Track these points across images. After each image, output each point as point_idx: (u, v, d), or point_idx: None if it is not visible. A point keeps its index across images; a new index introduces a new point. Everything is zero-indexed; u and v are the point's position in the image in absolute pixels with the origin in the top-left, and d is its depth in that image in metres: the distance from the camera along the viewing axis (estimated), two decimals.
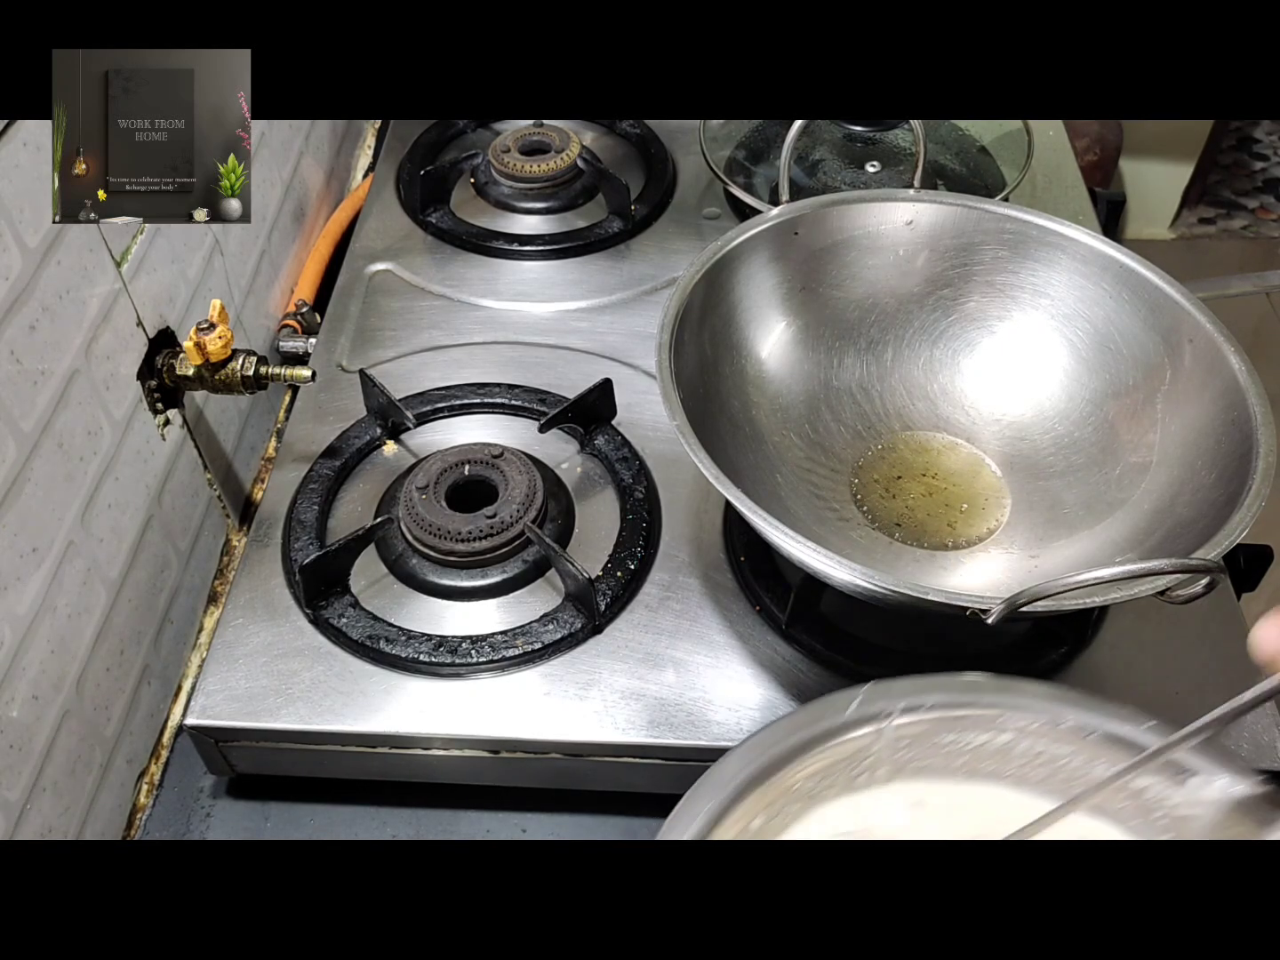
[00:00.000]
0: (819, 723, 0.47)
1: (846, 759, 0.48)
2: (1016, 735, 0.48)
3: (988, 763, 0.49)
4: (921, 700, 0.48)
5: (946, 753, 0.49)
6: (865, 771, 0.49)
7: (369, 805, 0.64)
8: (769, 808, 0.46)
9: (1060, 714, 0.48)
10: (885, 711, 0.47)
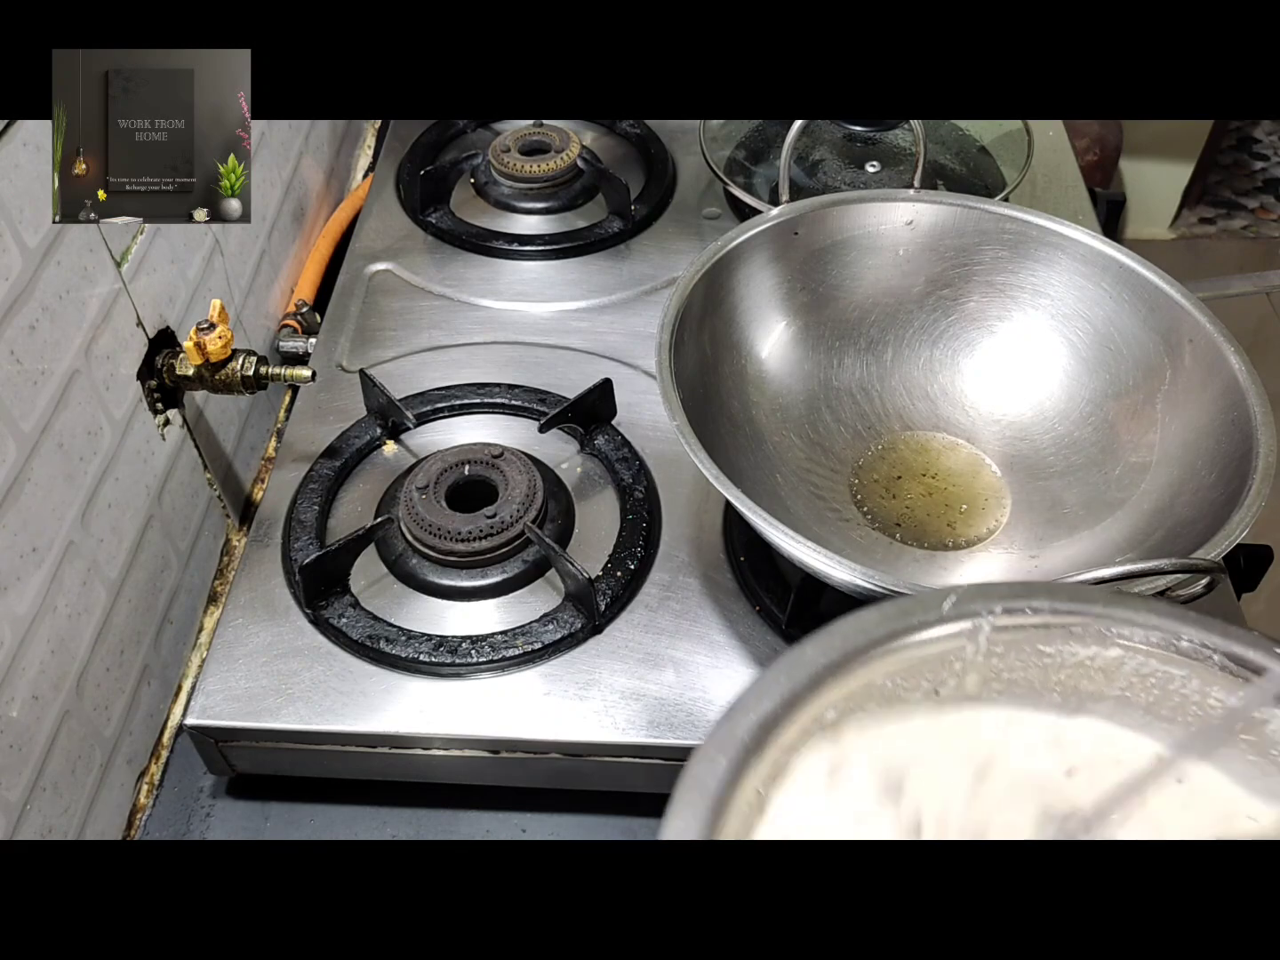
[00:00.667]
0: (909, 616, 0.43)
1: (935, 659, 0.44)
2: (1126, 651, 0.44)
3: (1090, 681, 0.45)
4: (1023, 604, 0.44)
5: (1045, 666, 0.45)
6: (954, 678, 0.45)
7: (369, 805, 0.64)
8: (847, 700, 0.43)
9: (1178, 631, 0.43)
10: (983, 611, 0.43)
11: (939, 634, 0.43)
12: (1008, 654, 0.45)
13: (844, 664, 0.42)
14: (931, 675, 0.45)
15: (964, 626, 0.43)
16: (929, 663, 0.44)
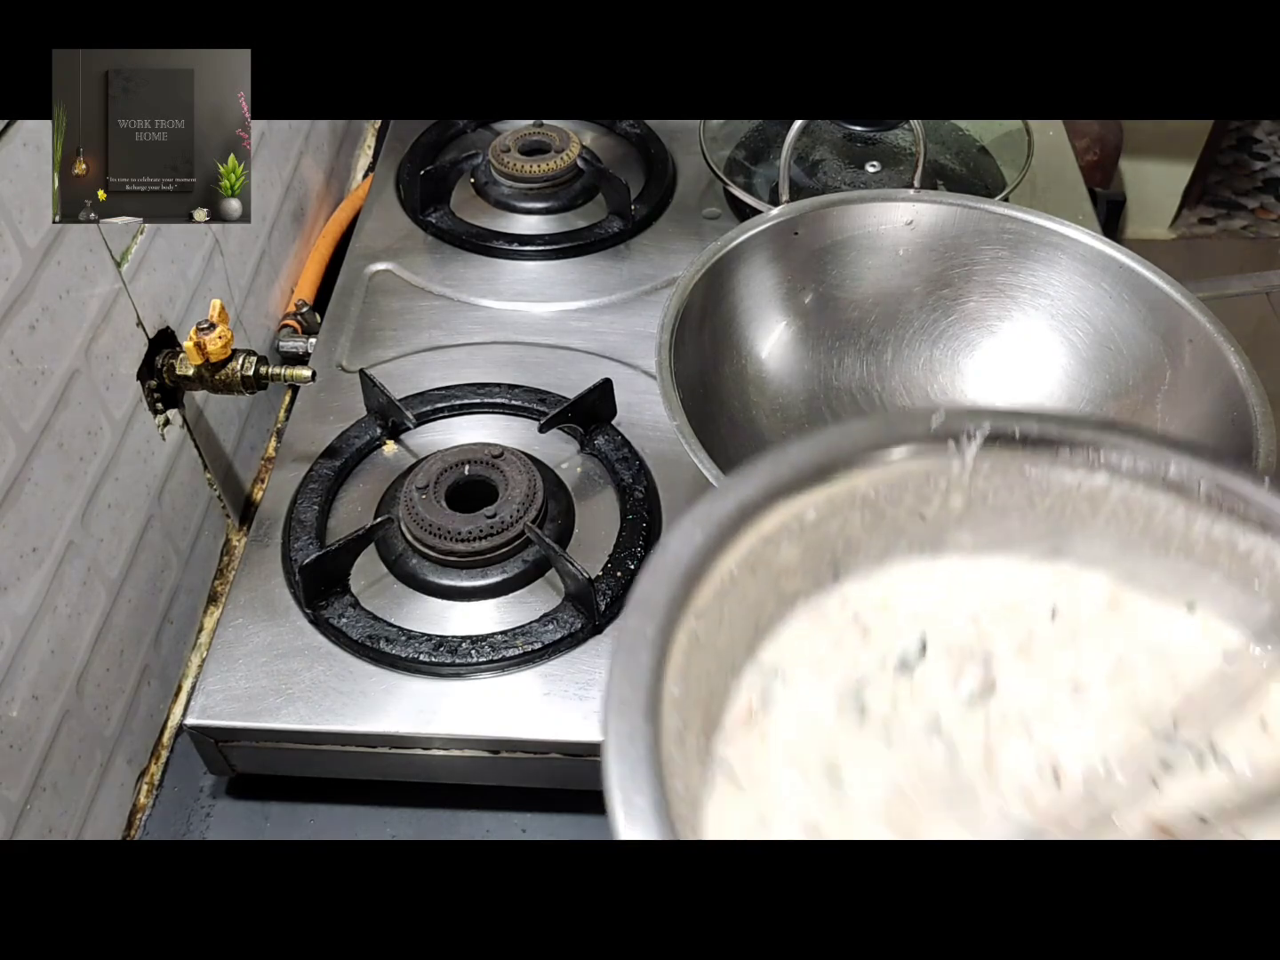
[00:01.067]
0: (895, 428, 0.43)
1: (920, 474, 0.44)
2: (1113, 478, 0.44)
3: (1075, 509, 0.45)
4: (1012, 424, 0.43)
5: (1030, 490, 0.45)
6: (939, 495, 0.45)
7: (369, 805, 0.64)
8: (829, 502, 0.43)
9: (1167, 459, 0.43)
10: (970, 430, 0.43)
11: (926, 449, 0.43)
12: (993, 475, 0.44)
13: (828, 466, 0.42)
14: (916, 491, 0.44)
15: (949, 446, 0.43)
16: (914, 477, 0.44)
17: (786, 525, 0.42)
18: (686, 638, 0.38)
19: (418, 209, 0.94)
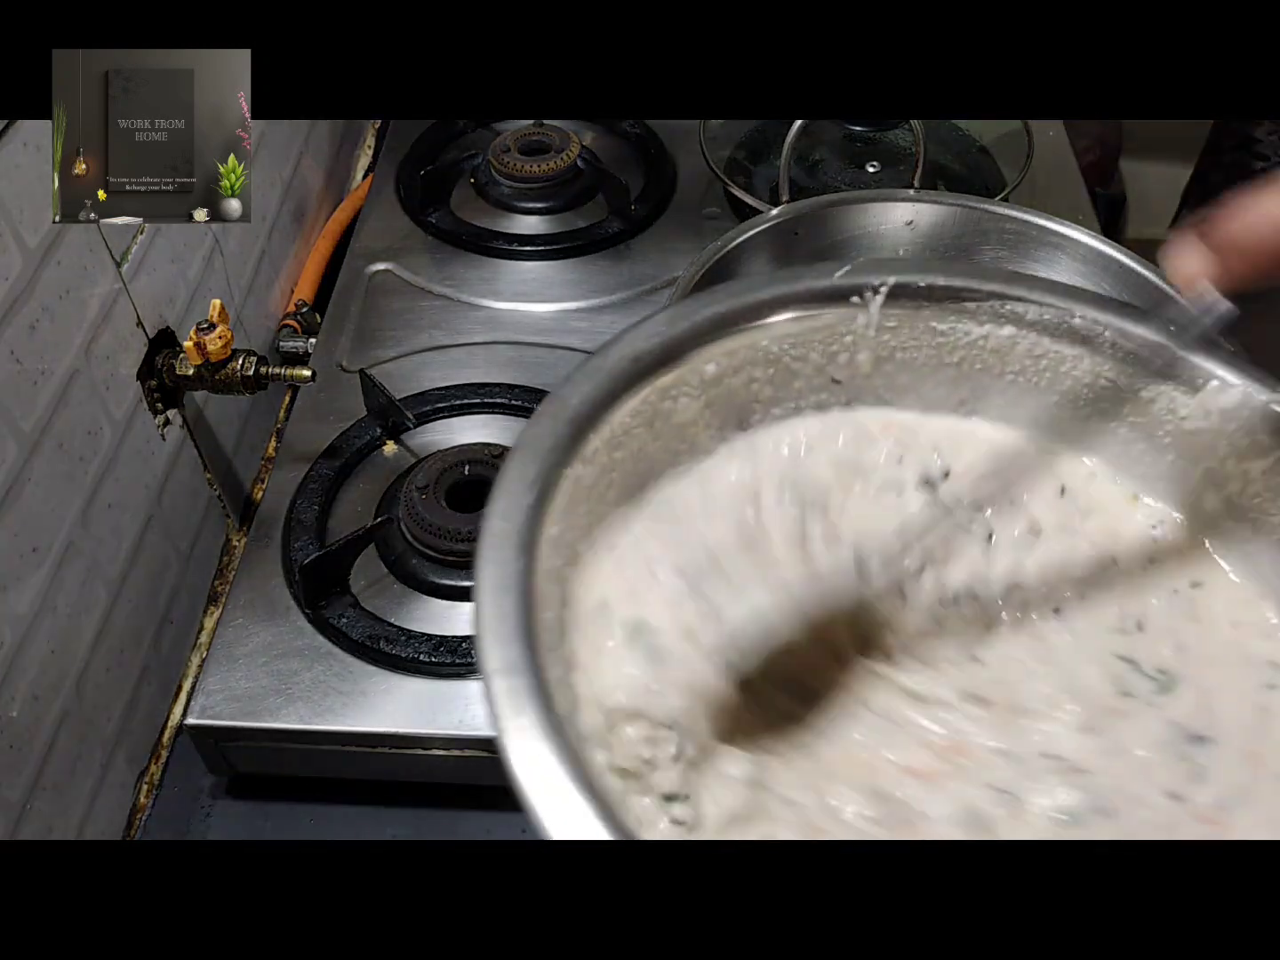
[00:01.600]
0: (798, 281, 0.43)
1: (825, 329, 0.43)
2: (1019, 330, 0.43)
3: (985, 362, 0.44)
4: (917, 279, 0.43)
5: (938, 345, 0.44)
6: (845, 351, 0.44)
7: (369, 805, 0.64)
8: (730, 357, 0.42)
9: (1071, 308, 0.42)
10: (875, 284, 0.42)
11: (830, 303, 0.42)
12: (900, 329, 0.44)
13: (728, 319, 0.41)
14: (822, 347, 0.43)
15: (854, 300, 0.42)
16: (819, 332, 0.43)
17: (684, 379, 0.41)
18: (570, 482, 0.38)
19: (418, 209, 0.94)
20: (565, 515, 0.38)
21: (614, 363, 0.40)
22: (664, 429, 0.42)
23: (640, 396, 0.40)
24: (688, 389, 0.42)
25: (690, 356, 0.41)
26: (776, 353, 0.43)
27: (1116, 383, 0.43)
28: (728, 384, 0.43)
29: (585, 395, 0.39)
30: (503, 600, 0.34)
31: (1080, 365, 0.43)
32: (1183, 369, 0.42)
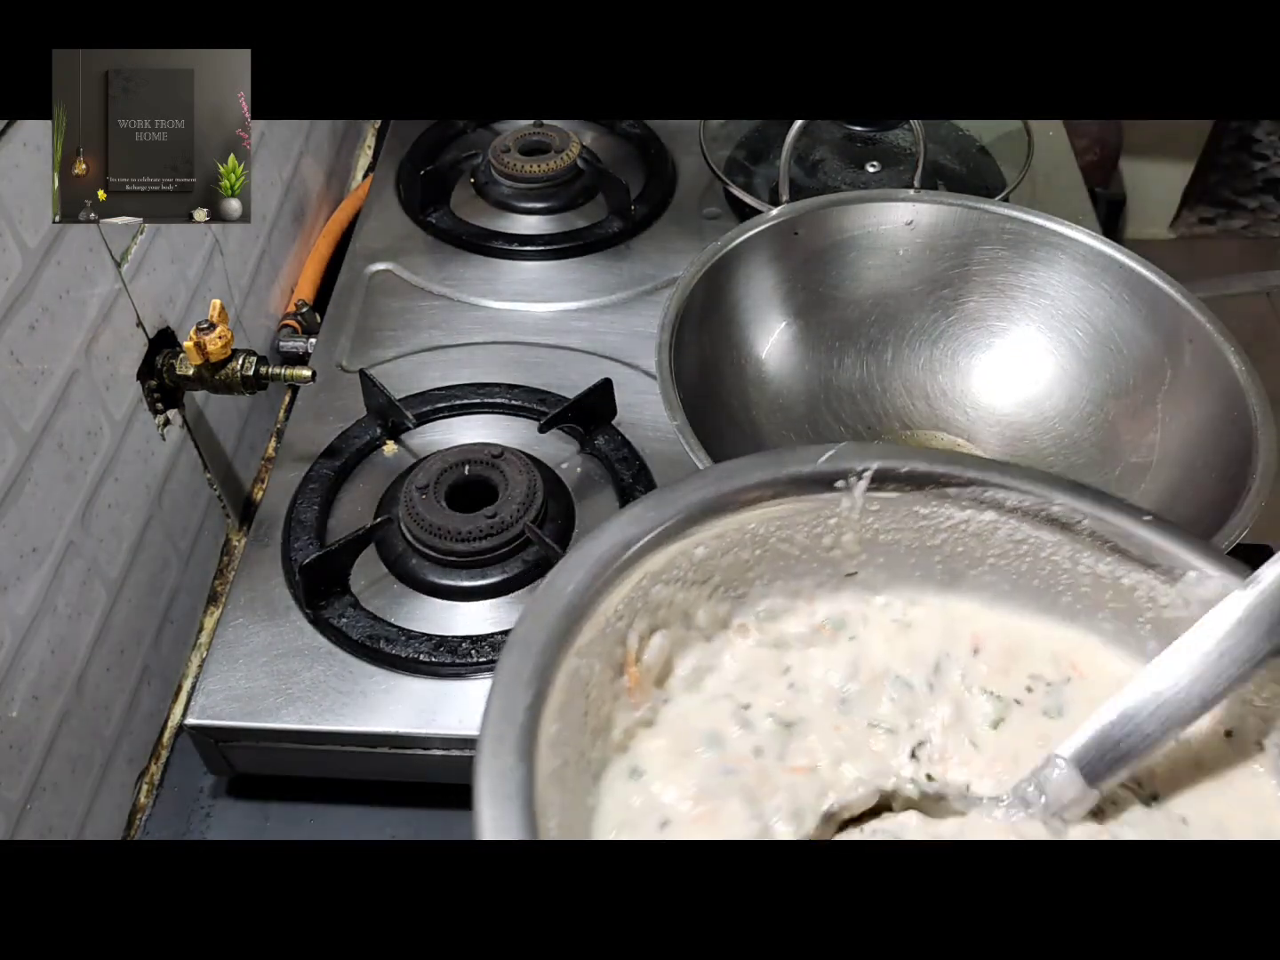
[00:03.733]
0: (784, 467, 0.44)
1: (810, 512, 0.44)
2: (999, 516, 0.44)
3: (966, 546, 0.45)
4: (898, 464, 0.44)
5: (920, 528, 0.45)
6: (831, 534, 0.45)
7: (369, 805, 0.64)
8: (718, 540, 0.43)
9: (1049, 496, 0.43)
10: (858, 469, 0.44)
11: (814, 488, 0.43)
12: (884, 513, 0.45)
13: (717, 504, 0.42)
14: (808, 529, 0.44)
15: (838, 485, 0.43)
16: (804, 514, 0.44)
17: (674, 562, 0.42)
18: (567, 676, 0.38)
19: (418, 209, 0.94)
20: (563, 712, 0.37)
21: (604, 550, 0.40)
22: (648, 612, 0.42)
23: (632, 582, 0.41)
24: (679, 572, 0.42)
25: (681, 540, 0.42)
26: (763, 534, 0.44)
27: (1095, 570, 0.44)
28: (718, 564, 0.44)
29: (578, 586, 0.39)
30: (506, 809, 0.34)
31: (1060, 551, 0.44)
32: (1160, 558, 0.42)
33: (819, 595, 0.46)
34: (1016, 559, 0.45)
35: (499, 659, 0.37)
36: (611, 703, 0.41)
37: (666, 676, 0.44)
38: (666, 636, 0.43)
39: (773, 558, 0.45)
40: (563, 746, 0.37)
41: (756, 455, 0.45)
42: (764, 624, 0.45)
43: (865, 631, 0.46)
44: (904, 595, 0.46)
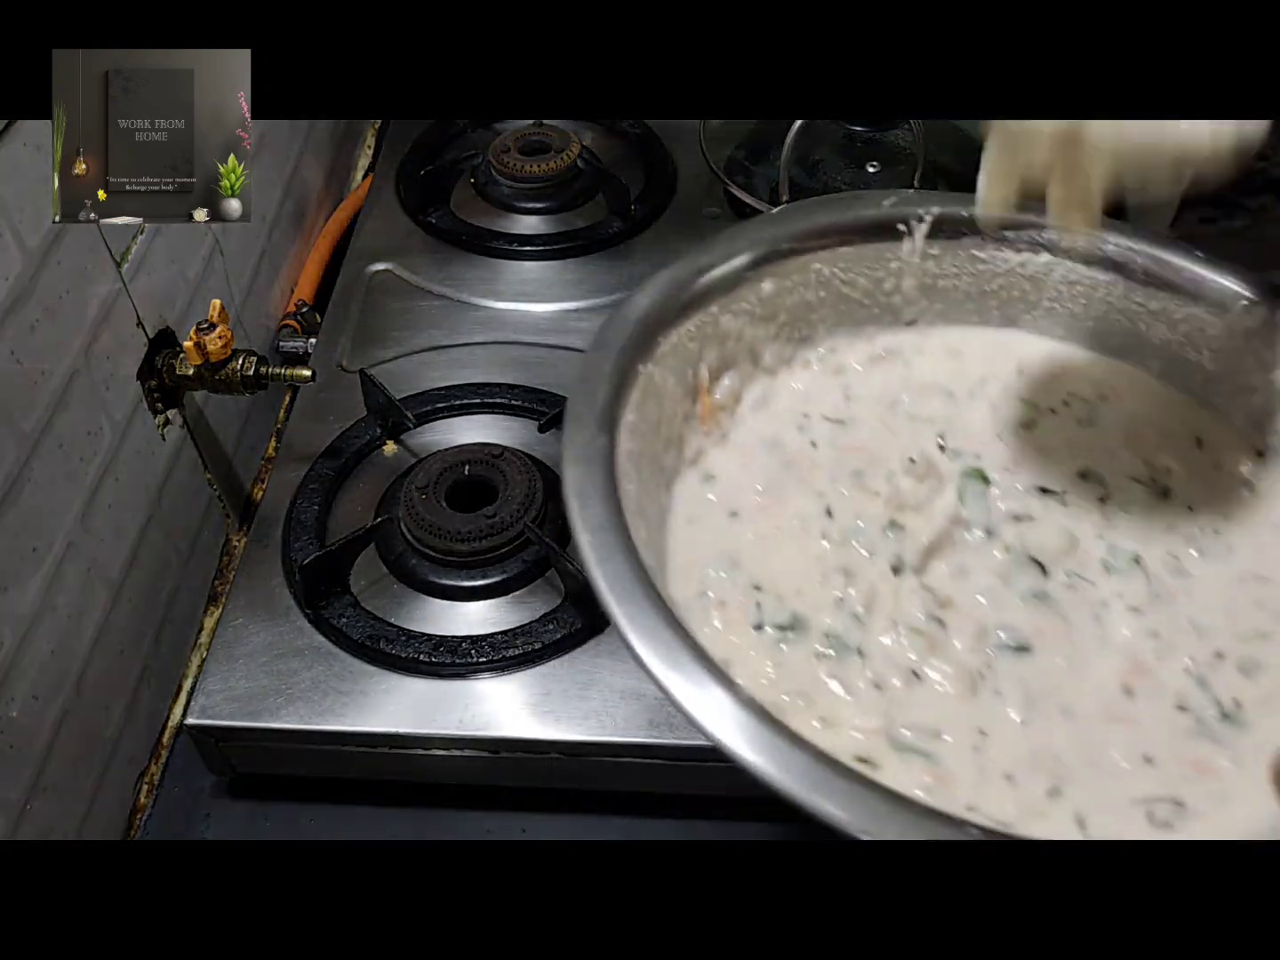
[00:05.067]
0: (848, 210, 0.46)
1: (873, 254, 0.47)
2: (1055, 258, 0.47)
3: (1022, 290, 0.48)
4: (959, 209, 0.46)
5: (979, 272, 0.47)
6: (891, 277, 0.48)
7: (369, 805, 0.64)
8: (783, 279, 0.46)
9: (1103, 236, 0.46)
10: (920, 214, 0.46)
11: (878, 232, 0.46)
12: (944, 257, 0.47)
13: (784, 240, 0.45)
14: (869, 272, 0.47)
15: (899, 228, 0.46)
16: (866, 258, 0.47)
17: (743, 295, 0.45)
18: (644, 379, 0.41)
19: (418, 209, 0.94)
20: (639, 409, 0.41)
21: (681, 274, 0.43)
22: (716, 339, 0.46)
23: (704, 309, 0.44)
24: (747, 304, 0.45)
25: (749, 273, 0.45)
26: (828, 275, 0.47)
27: (1148, 307, 0.46)
28: (784, 302, 0.46)
29: (655, 301, 0.42)
30: (589, 468, 0.36)
31: (1114, 291, 0.47)
32: (1211, 292, 0.45)
33: (879, 333, 0.49)
34: (1070, 300, 0.47)
35: (582, 359, 0.40)
36: (683, 423, 0.45)
37: (735, 406, 0.47)
38: (736, 375, 0.47)
39: (835, 300, 0.47)
40: (639, 438, 0.41)
41: (822, 198, 0.47)
42: (825, 358, 0.48)
43: (919, 359, 0.49)
44: (959, 332, 0.49)
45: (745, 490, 0.44)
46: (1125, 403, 0.48)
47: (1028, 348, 0.49)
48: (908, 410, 0.47)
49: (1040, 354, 0.49)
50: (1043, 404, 0.47)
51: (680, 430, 0.45)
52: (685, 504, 0.44)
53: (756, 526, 0.43)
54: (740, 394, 0.47)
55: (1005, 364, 0.48)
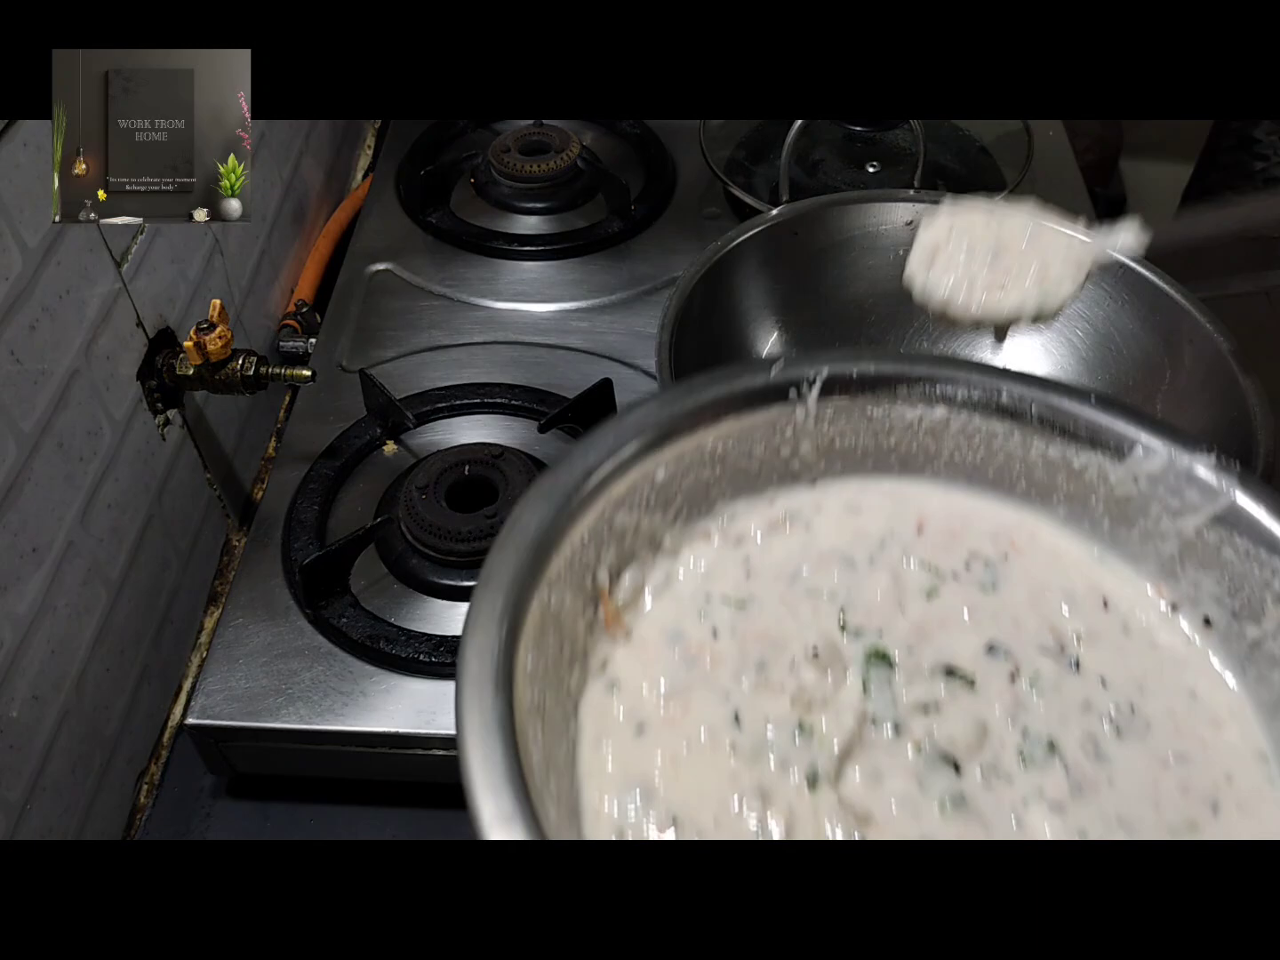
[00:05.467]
0: (736, 381, 0.44)
1: (766, 424, 0.45)
2: (950, 411, 0.45)
3: (921, 444, 0.47)
4: (849, 368, 0.45)
5: (876, 431, 0.46)
6: (788, 444, 0.46)
7: (369, 805, 0.64)
8: (677, 461, 0.44)
9: (997, 386, 0.45)
10: (809, 377, 0.44)
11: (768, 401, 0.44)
12: (838, 418, 0.46)
13: (672, 427, 0.43)
14: (765, 441, 0.45)
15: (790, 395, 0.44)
16: (760, 428, 0.45)
17: (636, 487, 0.43)
18: (539, 609, 0.38)
19: (418, 209, 0.94)
20: (538, 644, 0.38)
21: (566, 481, 0.40)
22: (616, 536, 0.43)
23: (596, 511, 0.41)
24: (640, 497, 0.43)
25: (642, 463, 0.42)
26: (722, 451, 0.45)
27: (1046, 455, 0.45)
28: (679, 485, 0.44)
29: (543, 518, 0.39)
30: (489, 744, 0.34)
31: (1011, 439, 0.46)
32: (1108, 437, 0.44)
33: (779, 496, 0.47)
34: (970, 451, 0.46)
35: (472, 597, 0.37)
36: (587, 635, 0.42)
37: (638, 600, 0.45)
38: (637, 568, 0.44)
39: (733, 474, 0.46)
40: (539, 679, 0.38)
41: (708, 373, 0.45)
42: (726, 529, 0.46)
43: (818, 519, 0.47)
44: (858, 484, 0.48)
45: (650, 696, 0.41)
46: (1027, 560, 0.46)
47: (928, 499, 0.47)
48: (807, 584, 0.45)
49: (940, 506, 0.47)
50: (944, 567, 0.46)
51: (584, 643, 0.42)
52: (592, 722, 0.41)
53: (665, 742, 0.40)
54: (643, 585, 0.45)
55: (905, 521, 0.47)
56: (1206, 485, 0.42)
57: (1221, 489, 0.42)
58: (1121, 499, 0.45)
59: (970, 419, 0.45)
